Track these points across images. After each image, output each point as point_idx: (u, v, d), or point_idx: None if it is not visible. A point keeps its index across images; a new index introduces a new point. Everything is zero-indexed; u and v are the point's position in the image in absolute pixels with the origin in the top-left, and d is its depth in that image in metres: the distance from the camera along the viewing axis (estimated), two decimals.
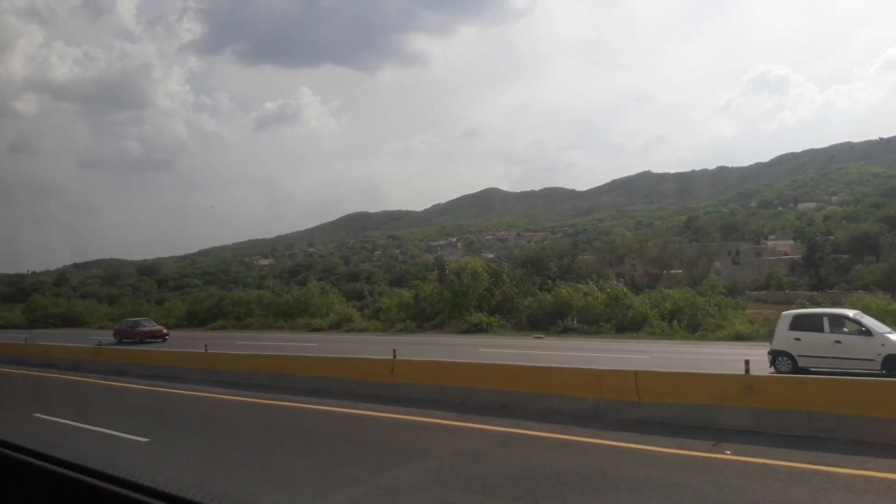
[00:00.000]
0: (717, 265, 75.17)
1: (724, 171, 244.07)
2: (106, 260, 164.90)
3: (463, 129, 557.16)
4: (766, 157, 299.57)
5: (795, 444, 9.07)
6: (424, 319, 36.95)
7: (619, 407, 11.29)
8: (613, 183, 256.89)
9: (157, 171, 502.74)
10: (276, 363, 18.04)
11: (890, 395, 9.64)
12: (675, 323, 28.34)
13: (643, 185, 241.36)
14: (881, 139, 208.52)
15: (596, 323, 30.60)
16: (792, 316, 16.47)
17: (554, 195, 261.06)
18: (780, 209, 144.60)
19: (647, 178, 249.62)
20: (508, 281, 37.51)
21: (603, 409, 11.43)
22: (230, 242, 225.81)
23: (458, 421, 11.68)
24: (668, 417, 10.65)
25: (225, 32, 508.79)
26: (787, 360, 15.59)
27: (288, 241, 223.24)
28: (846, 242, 71.20)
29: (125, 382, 18.84)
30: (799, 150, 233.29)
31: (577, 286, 34.78)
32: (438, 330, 34.89)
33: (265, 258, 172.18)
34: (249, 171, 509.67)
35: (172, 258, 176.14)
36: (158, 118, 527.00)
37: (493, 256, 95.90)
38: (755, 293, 56.84)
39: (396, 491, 8.21)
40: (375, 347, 24.63)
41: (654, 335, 27.81)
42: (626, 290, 34.17)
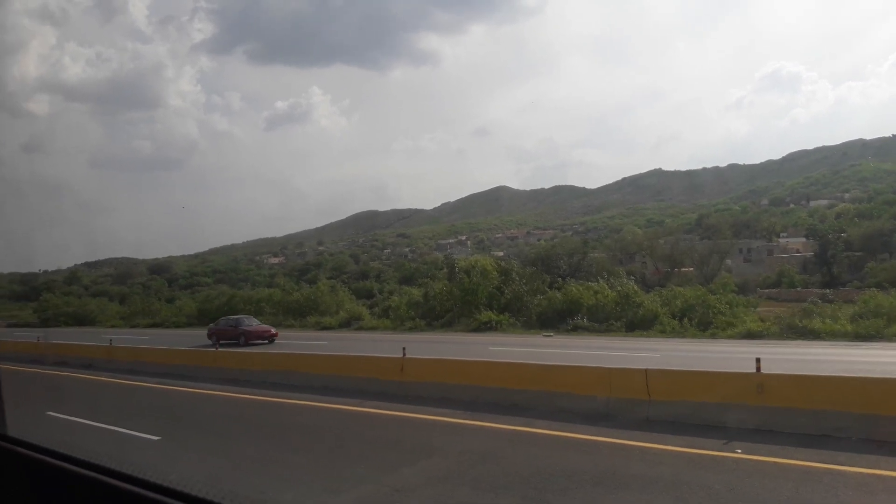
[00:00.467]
0: (728, 263, 74.77)
1: (735, 168, 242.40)
2: (117, 259, 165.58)
3: (473, 127, 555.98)
4: (777, 154, 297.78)
5: (807, 442, 9.02)
6: (434, 318, 36.95)
7: (629, 406, 11.25)
8: (624, 181, 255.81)
9: (168, 170, 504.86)
10: (286, 361, 18.11)
11: None
12: (685, 321, 28.20)
13: (654, 182, 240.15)
14: (895, 136, 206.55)
15: (606, 321, 30.51)
16: None
17: (564, 193, 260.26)
18: (791, 206, 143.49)
19: (657, 175, 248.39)
20: (518, 279, 37.46)
21: (613, 407, 11.40)
22: (241, 241, 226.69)
23: (466, 419, 11.69)
24: (678, 416, 10.61)
25: (236, 32, 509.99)
26: None
27: (298, 239, 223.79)
28: (859, 240, 70.65)
29: (137, 381, 18.97)
30: (811, 147, 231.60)
31: (587, 284, 34.68)
32: (448, 328, 34.89)
33: (275, 257, 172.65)
34: (260, 170, 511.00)
35: (183, 257, 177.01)
36: (170, 118, 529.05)
37: (502, 254, 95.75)
38: (766, 291, 56.52)
39: (405, 489, 8.23)
40: (385, 346, 24.66)
41: (664, 333, 27.69)
42: (636, 288, 34.04)
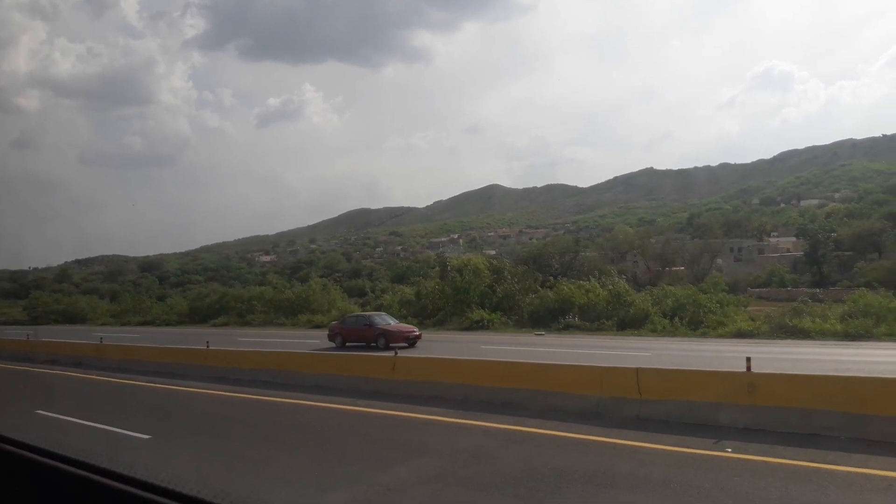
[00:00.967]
0: (719, 262, 75.06)
1: (726, 167, 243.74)
2: (108, 256, 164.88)
3: (465, 125, 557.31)
4: (768, 153, 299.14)
5: (797, 441, 9.07)
6: (426, 316, 36.92)
7: (620, 404, 11.29)
8: (616, 179, 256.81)
9: (159, 166, 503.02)
10: (277, 360, 18.06)
11: (891, 393, 9.64)
12: (676, 320, 28.30)
13: (646, 181, 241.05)
14: (885, 136, 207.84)
15: (598, 320, 30.57)
16: None
17: (556, 192, 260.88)
18: (782, 206, 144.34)
19: (649, 174, 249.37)
20: (510, 278, 37.50)
21: (604, 406, 11.43)
22: (232, 239, 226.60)
23: (458, 418, 11.70)
24: (669, 415, 10.66)
25: (228, 28, 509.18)
26: None
27: (290, 237, 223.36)
28: (849, 239, 71.06)
29: (127, 379, 18.87)
30: (802, 146, 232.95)
31: (578, 283, 34.74)
32: (440, 327, 34.88)
33: (267, 255, 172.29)
34: (252, 167, 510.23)
35: (174, 254, 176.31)
36: (161, 114, 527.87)
37: (494, 253, 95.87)
38: (757, 290, 56.76)
39: (397, 488, 8.23)
40: None
41: (655, 332, 27.79)
42: (627, 287, 34.15)
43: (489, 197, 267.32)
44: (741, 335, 25.16)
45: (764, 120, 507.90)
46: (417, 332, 25.28)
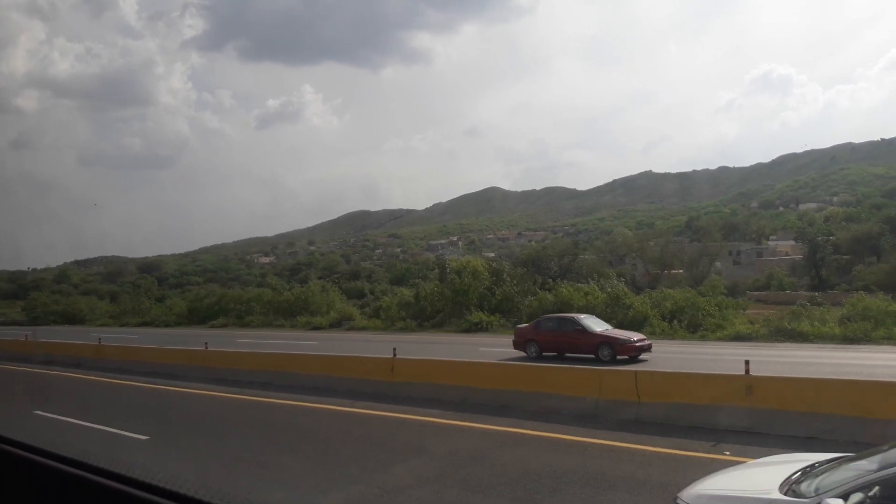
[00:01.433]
0: (717, 265, 75.07)
1: (725, 171, 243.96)
2: (107, 257, 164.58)
3: (465, 127, 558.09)
4: (767, 157, 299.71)
5: (795, 444, 9.06)
6: (425, 318, 36.87)
7: (618, 407, 11.29)
8: (615, 182, 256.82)
9: (159, 168, 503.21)
10: (276, 361, 18.05)
11: (889, 396, 9.64)
12: (675, 323, 28.29)
13: (644, 184, 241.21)
14: (883, 140, 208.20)
15: None
16: None
17: (555, 194, 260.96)
18: (781, 209, 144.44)
19: (648, 177, 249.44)
20: (509, 280, 37.45)
21: (602, 408, 11.43)
22: (231, 240, 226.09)
23: (456, 420, 11.70)
24: (667, 417, 10.66)
25: (227, 29, 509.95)
26: None
27: (289, 238, 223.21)
28: (847, 243, 71.06)
29: (126, 380, 18.86)
30: (800, 150, 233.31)
31: (577, 286, 34.70)
32: (439, 329, 34.85)
33: (266, 256, 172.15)
34: (251, 168, 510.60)
35: (173, 255, 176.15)
36: (160, 115, 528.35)
37: (493, 255, 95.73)
38: (756, 293, 56.73)
39: (394, 489, 8.23)
40: (376, 346, 24.61)
41: (654, 335, 27.69)
42: (626, 289, 34.09)
43: (488, 199, 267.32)
44: (740, 338, 25.15)
45: (762, 123, 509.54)
46: (647, 340, 20.25)
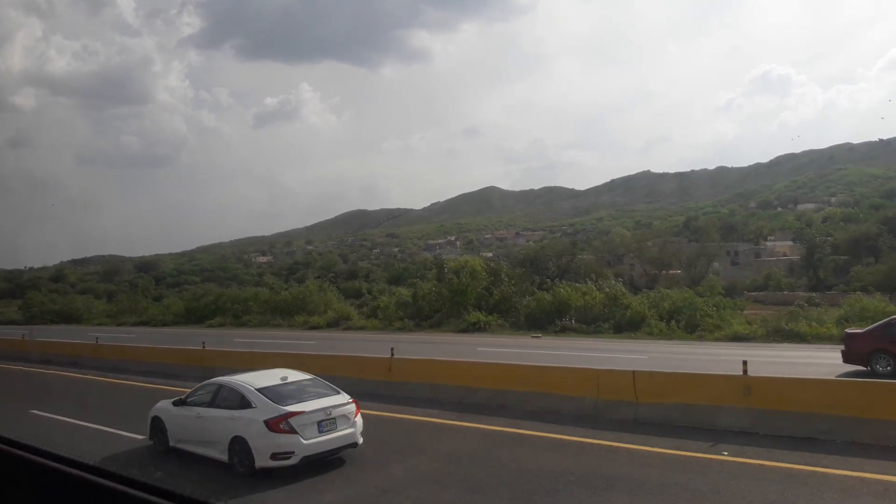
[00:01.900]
0: (715, 266, 75.10)
1: (723, 171, 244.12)
2: (104, 256, 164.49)
3: (463, 126, 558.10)
4: (765, 157, 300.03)
5: (792, 445, 9.08)
6: (423, 318, 36.86)
7: (616, 407, 11.28)
8: (613, 182, 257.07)
9: (156, 166, 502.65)
10: (273, 361, 17.99)
11: (887, 397, 9.65)
12: (673, 323, 28.30)
13: (643, 184, 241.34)
14: (881, 140, 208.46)
15: (594, 323, 30.55)
16: None
17: (553, 194, 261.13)
18: (779, 210, 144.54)
19: (646, 177, 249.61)
20: (507, 280, 37.44)
21: (600, 408, 11.42)
22: (228, 239, 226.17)
23: (454, 420, 11.69)
24: (665, 418, 10.65)
25: (224, 27, 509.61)
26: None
27: (286, 238, 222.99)
28: (845, 244, 71.15)
29: (123, 379, 18.82)
30: (798, 150, 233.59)
31: (575, 286, 34.71)
32: (436, 328, 34.85)
33: (263, 255, 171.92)
34: (249, 167, 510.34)
35: (170, 255, 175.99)
36: (158, 113, 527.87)
37: (491, 255, 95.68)
38: (754, 294, 56.78)
39: (392, 489, 8.22)
40: (373, 346, 24.60)
41: (652, 335, 27.80)
42: (624, 289, 34.11)
43: (487, 199, 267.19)
44: (737, 339, 25.17)
45: (761, 123, 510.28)
46: None
